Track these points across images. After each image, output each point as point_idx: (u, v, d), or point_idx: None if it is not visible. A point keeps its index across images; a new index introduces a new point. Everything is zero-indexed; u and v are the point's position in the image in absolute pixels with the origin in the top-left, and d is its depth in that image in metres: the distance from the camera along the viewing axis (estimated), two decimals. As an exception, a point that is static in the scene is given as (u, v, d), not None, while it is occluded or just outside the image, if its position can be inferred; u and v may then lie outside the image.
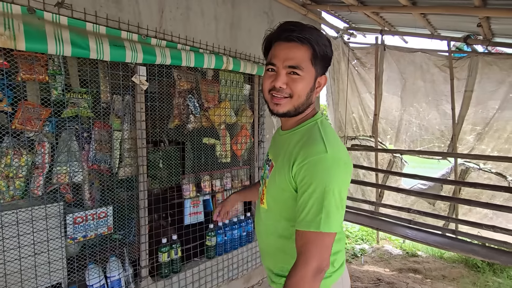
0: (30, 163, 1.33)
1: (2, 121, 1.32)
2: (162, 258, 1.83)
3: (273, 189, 0.87)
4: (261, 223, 0.96)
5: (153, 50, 1.61)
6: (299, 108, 0.84)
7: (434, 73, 3.02)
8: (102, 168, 1.58)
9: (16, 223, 1.28)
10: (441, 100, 3.05)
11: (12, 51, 1.26)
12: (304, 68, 0.80)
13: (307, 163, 0.76)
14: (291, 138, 0.87)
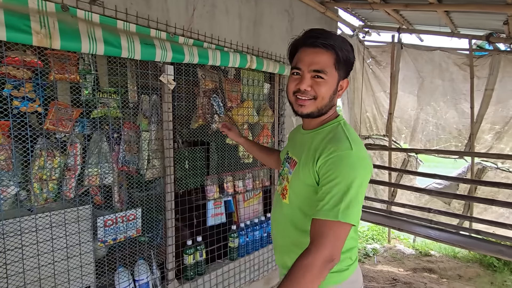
0: (62, 165, 1.30)
1: (33, 122, 1.29)
2: (188, 260, 1.80)
3: (297, 185, 0.91)
4: (281, 217, 0.99)
5: (181, 49, 1.58)
6: (322, 109, 0.90)
7: (453, 71, 2.99)
8: (131, 169, 1.55)
9: (50, 226, 1.25)
10: (459, 98, 3.01)
11: (45, 50, 1.23)
12: (328, 72, 0.86)
13: (332, 157, 0.80)
14: (315, 137, 0.92)
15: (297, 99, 0.89)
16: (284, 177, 1.00)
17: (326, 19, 2.85)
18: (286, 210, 0.96)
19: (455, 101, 3.05)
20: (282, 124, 2.45)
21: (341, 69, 0.88)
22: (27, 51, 1.20)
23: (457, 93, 3.02)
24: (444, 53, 3.00)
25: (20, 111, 1.22)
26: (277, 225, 1.02)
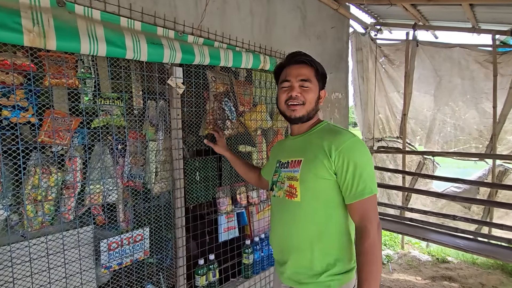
0: (60, 182, 1.13)
1: (25, 135, 1.13)
2: (200, 282, 1.63)
3: (309, 178, 1.00)
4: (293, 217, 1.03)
5: (191, 49, 1.42)
6: (310, 113, 1.07)
7: (474, 69, 2.83)
8: (137, 184, 1.38)
9: (47, 254, 1.08)
10: (480, 98, 2.86)
11: (39, 51, 1.07)
12: (312, 81, 1.06)
13: (343, 148, 0.95)
14: (311, 137, 1.07)
15: (289, 106, 1.06)
16: (283, 181, 1.08)
17: (339, 16, 2.70)
18: (299, 208, 1.02)
19: (476, 100, 2.89)
20: (296, 129, 2.29)
21: (319, 80, 1.08)
22: (18, 52, 1.03)
23: (478, 92, 2.86)
24: (464, 50, 2.85)
25: (11, 122, 1.06)
26: (287, 226, 1.06)
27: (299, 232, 1.02)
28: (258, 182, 1.47)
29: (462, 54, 2.86)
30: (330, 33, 2.60)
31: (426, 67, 3.10)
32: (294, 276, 1.04)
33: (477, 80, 2.85)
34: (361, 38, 3.09)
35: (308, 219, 1.00)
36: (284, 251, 1.08)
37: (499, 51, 2.71)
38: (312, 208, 1.00)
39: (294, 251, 1.04)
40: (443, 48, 2.96)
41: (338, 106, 2.78)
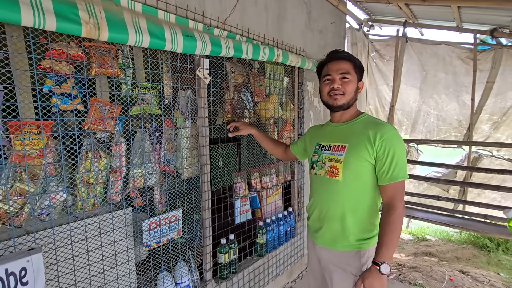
0: (108, 166, 1.20)
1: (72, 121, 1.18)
2: (223, 259, 1.76)
3: (353, 162, 1.15)
4: (332, 192, 1.22)
5: (219, 42, 1.51)
6: (349, 102, 1.22)
7: (457, 65, 3.12)
8: (170, 169, 1.47)
9: (99, 234, 1.16)
10: (461, 91, 3.16)
11: (89, 42, 1.12)
12: (351, 73, 1.20)
13: (386, 138, 1.10)
14: (355, 126, 1.21)
15: (331, 96, 1.21)
16: (324, 161, 1.25)
17: (338, 12, 2.85)
18: (339, 186, 1.19)
19: (457, 93, 3.19)
20: (302, 118, 2.44)
21: (357, 73, 1.22)
22: (71, 43, 1.08)
23: (459, 86, 3.16)
24: (448, 47, 3.12)
25: (60, 109, 1.11)
26: (328, 201, 1.24)
27: (337, 205, 1.20)
28: (284, 156, 1.67)
29: (447, 51, 3.14)
30: (330, 28, 2.75)
31: (414, 62, 3.35)
32: (330, 240, 1.24)
33: (459, 75, 3.14)
34: (356, 34, 3.27)
35: (346, 195, 1.18)
36: (322, 219, 1.26)
37: (479, 49, 3.01)
38: (350, 187, 1.16)
39: (332, 220, 1.22)
40: (430, 44, 3.22)
41: (336, 97, 2.96)
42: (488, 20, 2.64)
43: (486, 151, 3.36)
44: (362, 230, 1.19)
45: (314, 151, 1.32)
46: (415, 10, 2.81)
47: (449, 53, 3.12)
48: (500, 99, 3.04)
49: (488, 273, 3.09)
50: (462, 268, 3.22)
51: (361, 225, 1.19)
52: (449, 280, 2.89)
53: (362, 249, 1.19)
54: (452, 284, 2.83)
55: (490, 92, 3.04)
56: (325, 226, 1.25)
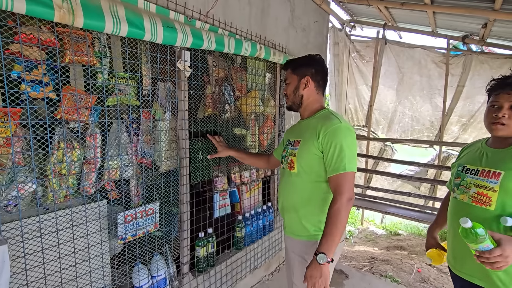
0: (82, 157, 1.17)
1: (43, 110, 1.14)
2: (200, 252, 1.77)
3: (304, 155, 1.22)
4: (288, 183, 1.31)
5: (200, 34, 1.50)
6: (294, 102, 1.35)
7: (431, 68, 3.27)
8: (148, 161, 1.45)
9: (71, 226, 1.14)
10: (434, 94, 3.32)
11: (62, 28, 1.08)
12: (289, 78, 1.35)
13: (329, 131, 1.15)
14: (311, 122, 1.28)
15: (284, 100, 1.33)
16: (288, 156, 1.32)
17: (321, 11, 2.89)
18: (293, 177, 1.27)
19: (431, 95, 3.35)
20: (283, 115, 2.47)
21: (297, 73, 1.32)
22: (43, 28, 1.04)
23: (433, 88, 3.32)
24: (424, 51, 3.26)
25: (30, 96, 1.07)
26: (285, 191, 1.33)
27: (293, 196, 1.29)
28: (268, 165, 1.73)
29: (422, 55, 3.28)
30: (313, 26, 2.79)
31: (392, 64, 3.48)
32: (291, 229, 1.34)
33: (433, 78, 3.30)
34: (338, 33, 3.34)
35: (300, 187, 1.26)
36: (284, 209, 1.37)
37: (451, 54, 3.17)
38: (303, 179, 1.24)
39: (290, 210, 1.32)
40: (407, 48, 3.35)
41: (317, 95, 3.02)
42: (460, 27, 2.78)
43: (455, 151, 3.57)
44: (318, 220, 1.24)
45: (284, 147, 1.42)
46: (394, 13, 2.91)
47: (424, 57, 3.27)
48: (469, 103, 3.23)
49: (452, 265, 3.29)
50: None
51: (316, 216, 1.25)
52: (417, 272, 3.06)
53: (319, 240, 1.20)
54: (420, 276, 3.00)
55: (460, 96, 3.22)
56: (286, 216, 1.36)
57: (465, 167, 1.18)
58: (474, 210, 1.19)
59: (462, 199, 1.14)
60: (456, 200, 1.16)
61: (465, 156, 1.23)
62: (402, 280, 2.88)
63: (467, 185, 1.14)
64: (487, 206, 1.15)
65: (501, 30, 2.51)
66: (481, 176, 1.11)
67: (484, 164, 1.12)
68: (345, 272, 2.71)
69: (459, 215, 1.23)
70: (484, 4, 1.98)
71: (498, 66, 2.97)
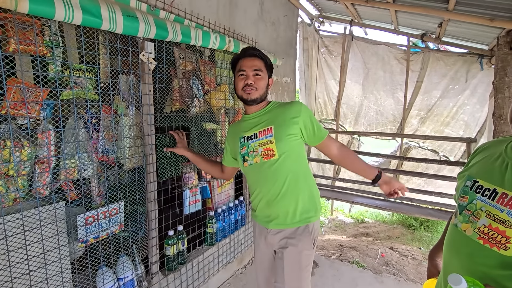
0: (33, 156, 1.08)
1: (-15, 104, 1.02)
2: (170, 251, 1.73)
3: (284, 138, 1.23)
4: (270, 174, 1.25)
5: (165, 25, 1.43)
6: (262, 96, 1.31)
7: (393, 64, 3.44)
8: (110, 159, 1.38)
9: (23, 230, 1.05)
10: (396, 89, 3.51)
11: (4, 13, 0.97)
12: (263, 71, 1.30)
13: (302, 110, 1.25)
14: (270, 112, 1.31)
15: (245, 90, 1.28)
16: (255, 149, 1.28)
17: (290, 6, 2.90)
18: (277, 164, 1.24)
19: (393, 90, 3.54)
20: (253, 109, 2.47)
21: (268, 70, 1.33)
22: (-21, 12, 0.92)
23: (395, 83, 3.51)
24: (387, 48, 3.42)
25: (-33, 90, 0.95)
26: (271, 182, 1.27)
27: (280, 182, 1.24)
28: (221, 175, 1.60)
29: (385, 51, 3.45)
30: (282, 21, 2.80)
31: (358, 60, 3.61)
32: (282, 219, 1.27)
33: (395, 74, 3.49)
34: (307, 28, 3.38)
35: (285, 169, 1.24)
36: (271, 203, 1.27)
37: (411, 51, 3.36)
38: (286, 160, 1.24)
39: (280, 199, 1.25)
40: (372, 44, 3.50)
41: (287, 89, 3.05)
42: (420, 26, 2.96)
43: (414, 143, 3.83)
44: (307, 199, 1.28)
45: (241, 145, 1.34)
46: (360, 10, 3.01)
47: (387, 53, 3.43)
48: (427, 97, 3.47)
49: (412, 248, 3.57)
50: (392, 245, 3.66)
51: (305, 194, 1.27)
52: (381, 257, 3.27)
53: (310, 223, 1.28)
54: (383, 260, 3.21)
55: (419, 91, 3.45)
56: (276, 208, 1.28)
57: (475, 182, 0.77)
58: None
59: (465, 230, 0.76)
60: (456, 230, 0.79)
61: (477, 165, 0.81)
62: (367, 265, 3.06)
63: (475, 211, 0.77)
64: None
65: (454, 30, 2.71)
66: (500, 204, 0.72)
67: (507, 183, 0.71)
68: (315, 261, 2.82)
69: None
70: (439, 4, 2.12)
71: (452, 63, 3.21)
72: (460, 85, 3.32)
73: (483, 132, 3.36)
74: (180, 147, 1.63)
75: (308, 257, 1.29)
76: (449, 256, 0.82)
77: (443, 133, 3.57)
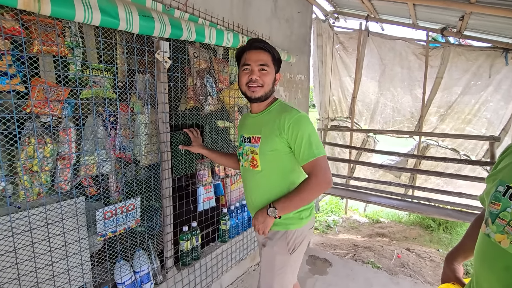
0: (55, 153, 1.12)
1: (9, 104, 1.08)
2: (185, 246, 1.77)
3: (267, 152, 1.17)
4: (254, 182, 1.25)
5: (179, 24, 1.45)
6: (267, 94, 1.21)
7: (411, 60, 3.33)
8: (127, 156, 1.42)
9: (46, 224, 1.10)
10: (414, 85, 3.40)
11: (28, 15, 1.01)
12: (269, 65, 1.19)
13: (292, 123, 1.12)
14: (268, 116, 1.21)
15: (249, 87, 1.19)
16: (248, 153, 1.25)
17: (304, 2, 2.87)
18: (259, 176, 1.21)
19: (411, 87, 3.43)
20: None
21: (275, 65, 1.22)
22: (6, 15, 0.97)
23: (413, 80, 3.40)
24: (404, 43, 3.31)
25: (-5, 89, 1.00)
26: (253, 191, 1.27)
27: (262, 194, 1.23)
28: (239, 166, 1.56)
29: (403, 46, 3.34)
30: (296, 17, 2.77)
31: (374, 56, 3.52)
32: None
33: (413, 70, 3.37)
34: (322, 25, 3.33)
35: (267, 184, 1.21)
36: (254, 207, 1.30)
37: (431, 46, 3.24)
38: (269, 176, 1.19)
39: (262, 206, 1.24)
40: (389, 39, 3.40)
41: (301, 87, 3.02)
42: (439, 19, 2.84)
43: (433, 141, 3.70)
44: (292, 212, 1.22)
45: (240, 144, 1.32)
46: (376, 5, 2.93)
47: (405, 49, 3.33)
48: (447, 94, 3.34)
49: (429, 249, 3.47)
50: (408, 247, 3.57)
51: None
52: (397, 258, 3.19)
53: (289, 230, 1.22)
54: (399, 261, 3.14)
55: (439, 87, 3.32)
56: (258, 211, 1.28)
57: (509, 188, 0.70)
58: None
59: (500, 242, 0.70)
60: (489, 241, 0.72)
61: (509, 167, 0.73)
62: (383, 266, 3.00)
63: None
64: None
65: (477, 23, 2.59)
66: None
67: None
68: (328, 260, 2.79)
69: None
70: (460, -4, 2.04)
71: (474, 58, 3.07)
72: (483, 81, 3.17)
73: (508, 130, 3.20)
74: (195, 146, 1.64)
75: (282, 261, 1.24)
76: (482, 269, 0.75)
77: (464, 131, 3.43)
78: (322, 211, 5.18)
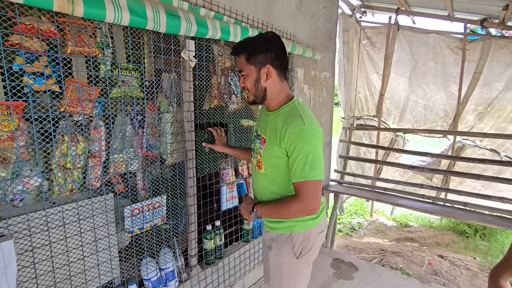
0: (87, 151, 1.16)
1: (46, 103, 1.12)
2: (208, 245, 1.77)
3: (269, 158, 1.14)
4: (259, 183, 1.24)
5: (205, 22, 1.45)
6: (257, 96, 1.17)
7: (446, 55, 3.12)
8: (154, 154, 1.43)
9: (78, 219, 1.13)
10: (449, 81, 3.18)
11: (62, 18, 1.04)
12: (244, 69, 1.14)
13: (292, 134, 1.04)
14: (277, 118, 1.14)
15: None
16: (257, 152, 1.21)
17: (330, -4, 2.78)
18: (263, 178, 1.20)
19: (445, 83, 3.21)
20: (291, 105, 2.41)
21: (253, 62, 1.11)
22: (42, 18, 1.01)
23: (448, 76, 3.18)
24: (439, 36, 3.11)
25: (32, 89, 1.05)
26: (256, 190, 1.28)
27: (265, 194, 1.21)
28: None
29: (437, 40, 3.13)
30: (322, 12, 2.69)
31: (404, 51, 3.34)
32: (268, 224, 1.26)
33: (448, 65, 3.15)
34: (348, 20, 3.21)
35: (270, 187, 1.19)
36: None
37: (468, 39, 3.01)
38: (272, 179, 1.17)
39: None
40: (421, 33, 3.20)
41: (326, 85, 2.94)
42: (479, 10, 2.63)
43: (469, 141, 3.44)
44: None
45: (253, 138, 1.29)
46: (408, -3, 2.77)
47: (439, 43, 3.11)
48: (486, 90, 3.08)
49: (465, 257, 3.23)
50: (441, 253, 3.35)
51: None
52: (428, 264, 3.01)
53: (294, 232, 1.18)
54: (431, 268, 2.95)
55: (477, 83, 3.07)
56: None
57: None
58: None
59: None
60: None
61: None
62: (413, 273, 2.84)
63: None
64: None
65: (524, 12, 2.36)
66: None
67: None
68: (354, 264, 2.69)
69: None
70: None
71: (519, 51, 2.81)
72: (529, 76, 2.89)
73: (558, 130, 2.90)
74: (218, 144, 1.64)
75: (291, 265, 1.20)
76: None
77: (505, 130, 3.15)
78: (346, 212, 5.02)
